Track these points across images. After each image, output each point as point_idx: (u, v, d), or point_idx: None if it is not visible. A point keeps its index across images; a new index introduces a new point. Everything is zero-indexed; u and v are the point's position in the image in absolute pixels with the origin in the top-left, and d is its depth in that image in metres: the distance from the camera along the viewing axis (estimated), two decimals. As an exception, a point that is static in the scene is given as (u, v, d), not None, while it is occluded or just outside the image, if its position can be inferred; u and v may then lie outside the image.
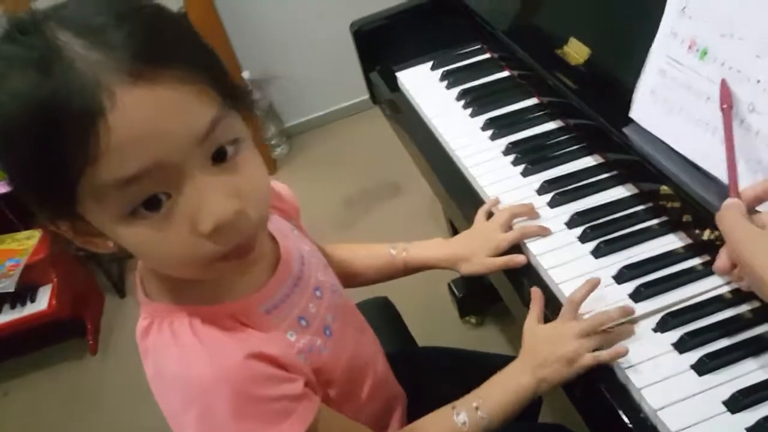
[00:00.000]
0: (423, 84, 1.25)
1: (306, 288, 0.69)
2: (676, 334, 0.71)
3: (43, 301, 1.89)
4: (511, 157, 1.02)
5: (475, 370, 0.80)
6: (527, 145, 1.03)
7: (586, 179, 0.94)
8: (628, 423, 0.67)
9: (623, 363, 0.70)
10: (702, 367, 0.67)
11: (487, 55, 1.27)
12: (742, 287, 0.67)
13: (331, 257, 0.91)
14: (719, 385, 0.66)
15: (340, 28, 1.44)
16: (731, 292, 0.74)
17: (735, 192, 0.66)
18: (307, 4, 2.41)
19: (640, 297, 0.76)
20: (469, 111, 1.14)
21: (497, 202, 0.95)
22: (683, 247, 0.81)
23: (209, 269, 0.55)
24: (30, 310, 1.88)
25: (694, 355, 0.69)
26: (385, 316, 1.16)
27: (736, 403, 0.64)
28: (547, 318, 0.79)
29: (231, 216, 0.51)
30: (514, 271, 0.88)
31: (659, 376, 0.68)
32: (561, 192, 0.92)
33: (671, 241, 0.83)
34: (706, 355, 0.68)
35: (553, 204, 0.92)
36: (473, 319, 1.78)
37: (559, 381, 0.73)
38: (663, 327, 0.73)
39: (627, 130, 0.87)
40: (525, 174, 0.98)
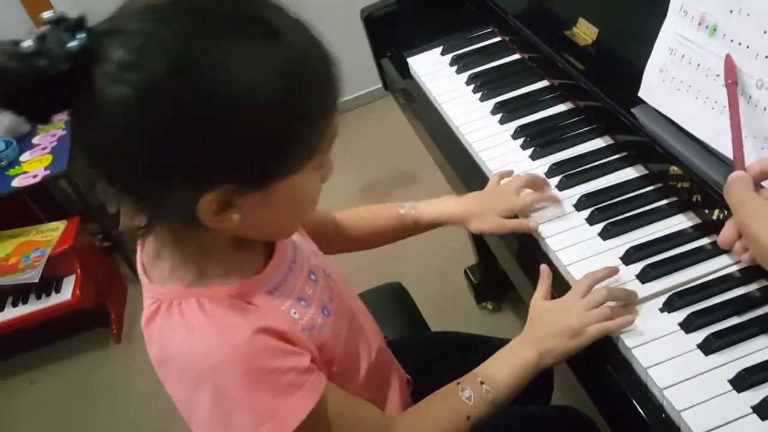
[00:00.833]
0: (433, 69, 1.24)
1: (300, 272, 0.71)
2: (682, 314, 0.71)
3: (67, 291, 1.93)
4: (520, 140, 1.01)
5: (488, 353, 0.79)
6: (536, 128, 1.03)
7: (595, 161, 0.93)
8: (636, 403, 0.67)
9: (630, 343, 0.70)
10: (708, 347, 0.67)
11: (497, 39, 1.26)
12: (744, 260, 0.66)
13: (341, 223, 0.93)
14: (725, 364, 0.66)
15: (351, 15, 1.43)
16: (738, 272, 0.73)
17: (741, 166, 0.66)
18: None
19: (647, 277, 0.75)
20: (479, 95, 1.13)
21: (512, 172, 0.94)
22: (692, 227, 0.80)
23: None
24: (54, 300, 1.92)
25: (701, 335, 0.68)
26: (398, 301, 1.17)
27: (742, 381, 0.64)
28: (553, 297, 0.79)
29: None
30: (524, 256, 0.88)
31: (666, 355, 0.68)
32: (569, 174, 0.92)
33: (680, 222, 0.82)
34: (713, 335, 0.67)
35: (561, 187, 0.91)
36: (490, 305, 1.78)
37: (563, 353, 0.73)
38: (669, 307, 0.72)
39: (636, 111, 0.87)
40: (534, 157, 0.98)
